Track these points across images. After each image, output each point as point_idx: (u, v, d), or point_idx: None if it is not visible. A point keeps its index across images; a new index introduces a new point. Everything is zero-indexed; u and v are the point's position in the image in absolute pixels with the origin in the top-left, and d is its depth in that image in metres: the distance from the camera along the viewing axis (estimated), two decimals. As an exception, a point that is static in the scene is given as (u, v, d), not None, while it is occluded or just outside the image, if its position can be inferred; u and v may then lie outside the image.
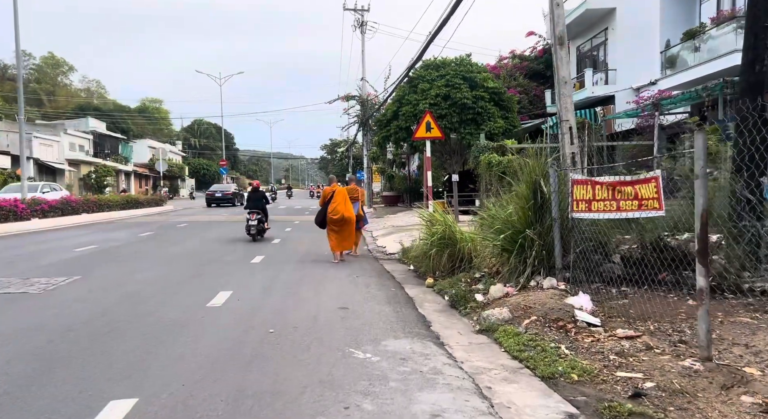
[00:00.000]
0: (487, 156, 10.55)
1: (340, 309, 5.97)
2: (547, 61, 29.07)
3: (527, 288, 6.24)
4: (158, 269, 8.94)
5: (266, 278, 8.05)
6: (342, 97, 33.32)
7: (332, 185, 10.53)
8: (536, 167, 6.56)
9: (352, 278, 8.11)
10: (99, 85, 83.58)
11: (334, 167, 66.10)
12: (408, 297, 6.85)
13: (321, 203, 10.31)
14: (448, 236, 7.90)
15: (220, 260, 10.01)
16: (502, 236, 6.45)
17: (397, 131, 17.45)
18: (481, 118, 16.39)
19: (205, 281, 7.75)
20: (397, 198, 30.01)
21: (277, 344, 4.56)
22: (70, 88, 76.79)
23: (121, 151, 56.46)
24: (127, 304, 6.18)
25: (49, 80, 73.46)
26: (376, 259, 10.55)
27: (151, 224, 19.44)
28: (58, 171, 43.48)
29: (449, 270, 8.02)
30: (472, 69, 16.96)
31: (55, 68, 75.98)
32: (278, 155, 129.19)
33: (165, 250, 11.76)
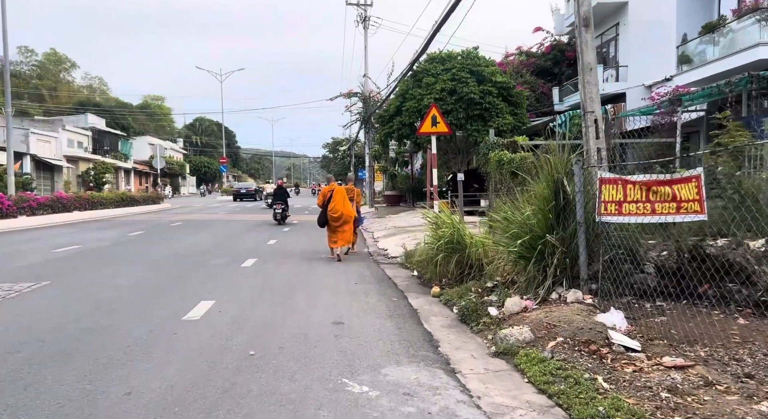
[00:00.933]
0: (497, 153, 9.78)
1: (335, 325, 5.22)
2: (555, 58, 28.28)
3: (548, 302, 5.48)
4: (139, 273, 8.20)
5: (255, 285, 7.31)
6: (344, 94, 32.54)
7: (330, 184, 10.66)
8: (558, 165, 5.79)
9: (349, 286, 7.36)
10: (101, 82, 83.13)
11: (336, 165, 65.35)
12: (412, 309, 6.09)
13: (320, 202, 10.31)
14: (456, 241, 7.14)
15: (209, 263, 9.28)
16: (519, 242, 5.69)
17: (400, 127, 16.65)
18: (488, 114, 15.57)
19: (187, 288, 7.01)
20: (399, 198, 29.23)
21: (256, 372, 3.80)
22: (73, 84, 76.34)
23: (120, 148, 55.83)
24: (91, 317, 5.44)
25: (51, 76, 73.01)
26: (377, 263, 9.79)
27: (144, 223, 18.72)
28: (55, 168, 42.84)
29: (457, 278, 7.26)
30: (479, 63, 16.14)
31: (58, 65, 75.53)
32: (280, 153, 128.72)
33: (152, 251, 11.02)
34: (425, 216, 8.23)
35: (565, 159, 5.86)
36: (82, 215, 20.39)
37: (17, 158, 38.03)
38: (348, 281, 7.73)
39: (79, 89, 76.24)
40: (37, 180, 39.67)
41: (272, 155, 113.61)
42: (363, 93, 30.46)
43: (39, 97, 66.84)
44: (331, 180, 11.14)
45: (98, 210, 22.20)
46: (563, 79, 26.94)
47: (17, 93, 64.36)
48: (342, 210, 9.94)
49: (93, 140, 49.72)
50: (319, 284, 7.50)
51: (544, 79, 27.20)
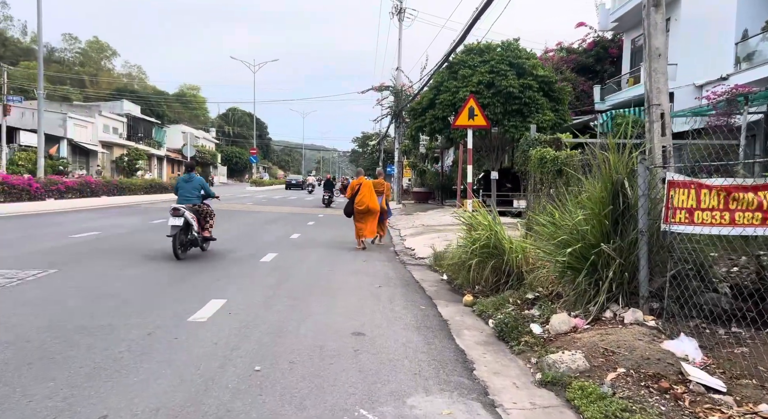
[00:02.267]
0: (539, 150, 8.99)
1: (355, 336, 4.61)
2: (597, 55, 27.02)
3: (602, 321, 4.75)
4: (153, 264, 7.77)
5: (272, 283, 6.76)
6: (375, 88, 31.92)
7: (359, 177, 11.00)
8: (618, 164, 5.03)
9: (373, 289, 6.74)
10: (140, 71, 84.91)
11: (365, 160, 64.86)
12: (441, 320, 5.44)
13: (348, 194, 10.76)
14: (492, 245, 6.44)
15: (227, 257, 8.81)
16: (569, 251, 4.95)
17: (432, 121, 15.88)
18: (528, 109, 14.66)
19: (199, 283, 6.52)
20: (428, 195, 28.50)
21: (259, 394, 3.22)
22: (113, 72, 78.11)
23: (154, 135, 56.61)
24: (89, 313, 4.97)
25: (92, 64, 74.87)
26: (403, 264, 9.16)
27: (169, 211, 18.54)
28: (91, 153, 43.61)
29: (492, 286, 6.56)
30: (520, 55, 15.21)
31: (99, 52, 77.41)
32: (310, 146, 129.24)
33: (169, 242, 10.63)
34: (458, 216, 7.53)
35: (626, 158, 5.09)
36: (109, 200, 20.39)
37: (54, 142, 38.88)
38: (372, 284, 7.12)
39: (118, 77, 77.98)
40: (72, 164, 40.44)
41: (302, 148, 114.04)
42: (395, 87, 29.78)
43: (80, 83, 68.54)
44: (360, 174, 11.37)
45: (126, 196, 22.21)
46: (605, 78, 25.69)
47: (60, 78, 66.22)
48: (368, 203, 10.37)
49: (128, 126, 50.48)
50: (340, 285, 6.91)
51: (584, 77, 26.01)
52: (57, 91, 61.89)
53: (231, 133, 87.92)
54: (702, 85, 19.35)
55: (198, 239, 8.72)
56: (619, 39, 26.37)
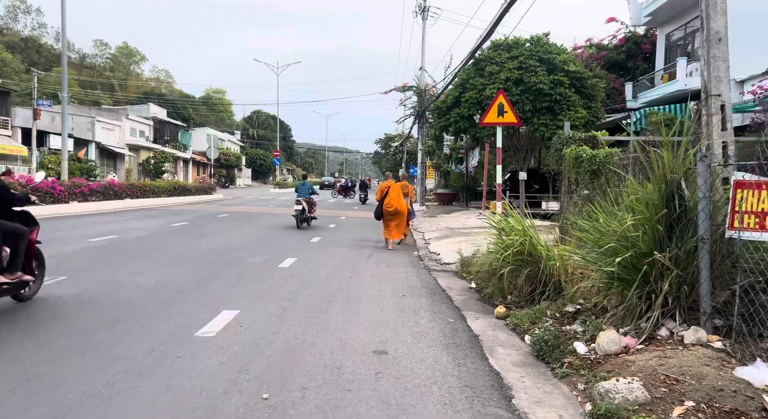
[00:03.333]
0: (574, 149, 8.39)
1: (376, 355, 4.14)
2: (628, 51, 26.02)
3: (657, 341, 4.18)
4: (167, 271, 7.46)
5: (289, 292, 6.36)
6: (398, 88, 31.44)
7: (388, 180, 11.29)
8: (674, 163, 4.45)
9: (396, 299, 6.27)
10: (167, 75, 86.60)
11: (388, 161, 64.49)
12: (472, 335, 4.93)
13: (378, 197, 11.06)
14: (527, 251, 5.89)
15: (244, 262, 8.45)
16: (618, 260, 4.39)
17: (457, 119, 15.30)
18: (558, 107, 13.96)
19: (212, 292, 6.15)
20: (452, 196, 27.88)
21: (264, 429, 2.78)
22: (141, 76, 79.75)
23: (180, 138, 57.35)
24: (89, 326, 4.63)
25: (122, 69, 76.62)
26: (427, 269, 8.66)
27: (191, 213, 18.42)
28: (118, 156, 44.32)
29: (527, 296, 6.03)
30: (550, 49, 14.54)
31: (129, 58, 79.22)
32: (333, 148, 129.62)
33: (188, 245, 10.38)
34: (488, 219, 7.00)
35: (682, 156, 4.50)
36: (133, 203, 20.42)
37: (83, 145, 39.59)
38: (395, 292, 6.64)
39: (146, 81, 79.59)
40: (100, 167, 41.13)
41: (325, 150, 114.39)
42: (418, 87, 29.27)
43: (110, 88, 70.15)
44: (389, 177, 11.58)
45: (150, 198, 22.25)
46: (637, 74, 24.70)
47: (91, 83, 67.86)
48: (396, 205, 10.67)
49: (154, 129, 51.20)
50: (361, 293, 6.46)
51: (615, 74, 25.06)
52: (88, 96, 63.43)
53: (255, 135, 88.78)
54: (744, 80, 18.33)
55: (308, 218, 14.55)
56: (652, 34, 25.34)
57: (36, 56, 66.67)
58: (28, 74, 42.07)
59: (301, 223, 13.98)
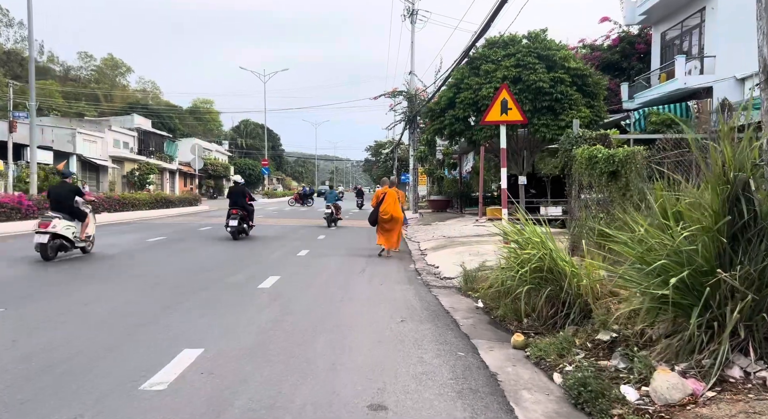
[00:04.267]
0: (587, 149, 7.54)
1: (373, 412, 3.21)
2: (622, 51, 25.49)
3: (730, 384, 3.29)
4: (129, 296, 6.47)
5: (268, 320, 5.40)
6: (388, 93, 30.70)
7: (384, 187, 11.28)
8: (738, 158, 3.58)
9: (394, 325, 5.34)
10: (154, 86, 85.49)
11: (379, 169, 63.74)
12: (489, 375, 4.01)
13: (374, 203, 11.06)
14: (547, 267, 5.00)
15: (221, 283, 7.48)
16: (674, 281, 3.50)
17: (452, 122, 14.44)
18: (560, 106, 13.17)
19: (176, 324, 5.18)
20: (446, 203, 27.03)
21: None
22: (127, 88, 78.59)
23: (166, 149, 56.17)
24: (6, 382, 3.64)
25: (107, 81, 75.51)
26: (426, 286, 7.74)
27: (172, 227, 17.37)
28: (101, 168, 43.05)
29: (548, 320, 5.12)
30: (548, 46, 13.78)
31: (114, 69, 78.14)
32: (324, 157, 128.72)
33: (161, 263, 9.39)
34: (499, 229, 6.09)
35: (746, 150, 3.64)
36: (110, 217, 19.31)
37: (63, 158, 38.31)
38: (392, 317, 5.71)
39: (133, 93, 78.42)
40: (82, 180, 39.86)
41: (315, 159, 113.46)
42: (408, 91, 28.53)
43: (95, 100, 68.95)
44: (385, 183, 11.53)
45: (129, 212, 21.14)
46: (632, 75, 24.13)
47: (75, 95, 66.56)
48: (392, 212, 10.62)
49: (138, 140, 49.99)
50: (352, 320, 5.52)
51: (610, 75, 24.45)
52: (72, 108, 62.11)
53: (244, 145, 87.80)
54: (745, 78, 17.74)
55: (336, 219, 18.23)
56: (646, 34, 24.83)
57: (19, 69, 65.42)
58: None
59: (330, 223, 17.46)
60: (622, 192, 7.00)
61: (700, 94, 19.11)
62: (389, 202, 10.70)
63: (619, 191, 7.04)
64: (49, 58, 74.11)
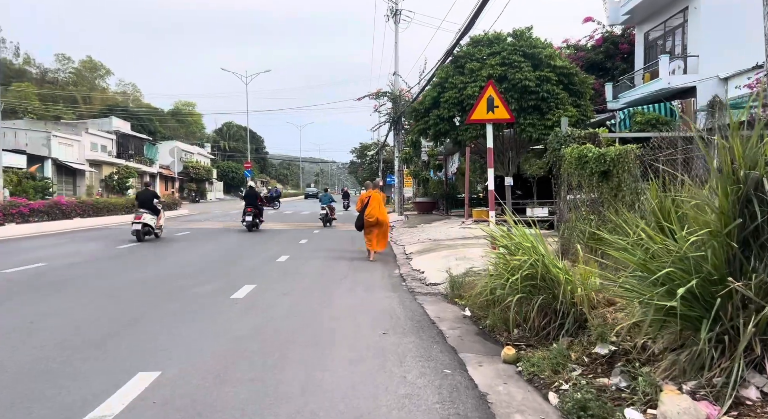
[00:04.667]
0: (576, 148, 7.23)
1: (347, 448, 2.79)
2: (606, 51, 25.46)
3: (746, 406, 2.95)
4: (85, 311, 5.97)
5: (238, 334, 4.96)
6: (371, 94, 30.31)
7: (369, 190, 11.08)
8: (749, 156, 3.25)
9: (376, 339, 4.93)
10: (135, 89, 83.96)
11: (364, 171, 63.30)
12: (478, 395, 3.63)
13: (358, 207, 10.89)
14: (540, 275, 4.63)
15: (191, 293, 7.00)
16: (683, 292, 3.15)
17: (437, 122, 14.07)
18: (546, 105, 12.88)
19: (134, 341, 4.71)
20: (432, 205, 26.71)
21: None
22: (107, 91, 77.07)
23: (146, 152, 55.06)
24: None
25: (86, 83, 73.95)
26: (411, 293, 7.35)
27: (148, 232, 16.72)
28: (78, 172, 41.94)
29: (540, 330, 4.76)
30: (534, 44, 13.50)
31: (93, 71, 76.54)
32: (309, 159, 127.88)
33: (130, 272, 8.87)
34: (487, 233, 5.73)
35: (754, 146, 3.31)
36: (83, 222, 18.58)
37: (37, 161, 37.19)
38: (374, 328, 5.31)
39: (113, 96, 76.93)
40: (58, 184, 38.73)
41: (300, 161, 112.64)
42: (392, 92, 28.18)
43: (74, 102, 67.48)
44: (369, 186, 11.40)
45: (104, 217, 20.40)
46: (616, 75, 24.10)
47: (52, 98, 64.97)
48: (378, 215, 10.46)
49: (117, 143, 48.91)
50: (331, 333, 5.10)
51: (594, 75, 24.37)
52: (50, 111, 60.57)
53: (227, 148, 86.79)
54: (728, 77, 17.72)
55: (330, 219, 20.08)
56: (630, 34, 24.83)
57: (-9, 72, 63.76)
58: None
59: (326, 223, 19.25)
60: (613, 193, 6.70)
61: (685, 94, 19.10)
62: (374, 205, 10.57)
63: (611, 192, 6.74)
64: (25, 60, 72.41)
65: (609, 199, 6.77)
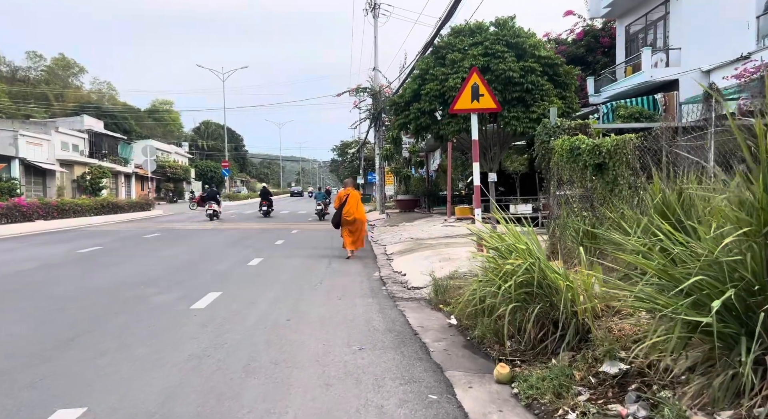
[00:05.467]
0: (567, 139, 6.69)
1: None
2: (587, 45, 25.18)
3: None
4: (14, 328, 5.22)
5: (190, 355, 4.28)
6: (351, 90, 29.62)
7: (347, 188, 11.05)
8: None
9: (350, 357, 4.30)
10: (110, 87, 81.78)
11: (345, 169, 62.51)
12: (471, 429, 3.02)
13: (336, 205, 10.84)
14: (537, 281, 4.05)
15: (146, 303, 6.28)
16: (718, 305, 2.58)
17: (418, 116, 13.44)
18: (531, 97, 12.35)
19: (61, 368, 4.01)
20: (413, 203, 26.13)
21: None
22: (81, 89, 74.86)
23: (120, 152, 53.45)
24: None
25: (59, 81, 71.70)
26: (392, 299, 6.74)
27: (113, 235, 15.82)
28: (48, 172, 40.34)
29: (537, 343, 4.19)
30: (517, 33, 12.96)
31: (66, 69, 74.24)
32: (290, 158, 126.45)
33: (83, 279, 8.08)
34: (479, 238, 5.13)
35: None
36: (46, 224, 17.54)
37: (3, 161, 35.59)
38: (348, 343, 4.68)
39: (87, 94, 74.77)
40: (27, 185, 37.16)
41: (280, 160, 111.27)
42: (372, 88, 27.52)
43: (46, 101, 65.30)
44: (347, 184, 11.36)
45: (70, 219, 19.34)
46: (598, 69, 23.82)
47: (24, 97, 62.69)
48: (355, 214, 10.45)
49: (90, 143, 47.27)
50: (299, 352, 4.45)
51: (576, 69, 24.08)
52: (21, 110, 58.41)
53: (205, 147, 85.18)
54: (710, 70, 17.49)
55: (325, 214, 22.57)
56: (611, 27, 24.57)
57: (-52, 67, 61.35)
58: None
59: (321, 217, 22.31)
60: (609, 187, 6.17)
61: (668, 87, 18.85)
62: (352, 203, 10.53)
63: (606, 186, 6.21)
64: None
65: (604, 194, 6.25)
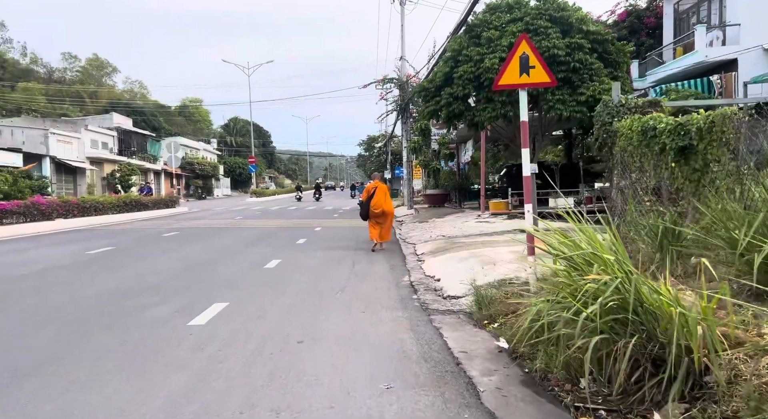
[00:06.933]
0: (637, 119, 5.48)
1: None
2: (630, 27, 23.44)
3: None
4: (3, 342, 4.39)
5: (168, 395, 3.33)
6: (378, 81, 28.53)
7: (375, 181, 11.33)
8: None
9: (374, 401, 3.28)
10: (141, 86, 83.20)
11: (372, 163, 61.59)
12: None
13: (364, 197, 11.03)
14: (632, 304, 2.93)
15: (136, 316, 5.40)
16: None
17: (449, 101, 12.18)
18: (578, 77, 10.96)
19: (21, 401, 3.10)
20: (443, 197, 24.93)
21: None
22: (114, 88, 76.34)
23: (149, 149, 53.81)
24: None
25: (93, 81, 73.29)
26: (425, 311, 5.68)
27: (131, 234, 15.22)
28: (78, 170, 40.72)
29: (629, 386, 3.07)
30: (562, 7, 11.59)
31: (99, 70, 75.88)
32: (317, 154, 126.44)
33: (82, 285, 7.30)
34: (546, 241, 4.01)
35: None
36: (65, 223, 17.12)
37: (34, 160, 35.97)
38: (372, 378, 3.66)
39: (120, 93, 76.16)
40: (57, 183, 37.53)
41: (307, 155, 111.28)
42: (399, 78, 26.40)
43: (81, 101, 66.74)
44: (376, 177, 11.66)
45: (91, 217, 18.94)
46: (642, 52, 22.09)
47: (60, 97, 64.08)
48: (384, 206, 10.64)
49: (119, 140, 47.62)
50: (308, 391, 3.45)
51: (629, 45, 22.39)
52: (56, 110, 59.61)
53: (233, 143, 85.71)
54: (777, 47, 15.79)
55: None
56: (656, 6, 22.80)
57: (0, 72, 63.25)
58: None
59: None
60: (697, 176, 4.95)
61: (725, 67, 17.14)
62: (380, 196, 10.72)
63: (693, 174, 4.99)
64: (32, 60, 71.88)
65: (689, 186, 5.03)
